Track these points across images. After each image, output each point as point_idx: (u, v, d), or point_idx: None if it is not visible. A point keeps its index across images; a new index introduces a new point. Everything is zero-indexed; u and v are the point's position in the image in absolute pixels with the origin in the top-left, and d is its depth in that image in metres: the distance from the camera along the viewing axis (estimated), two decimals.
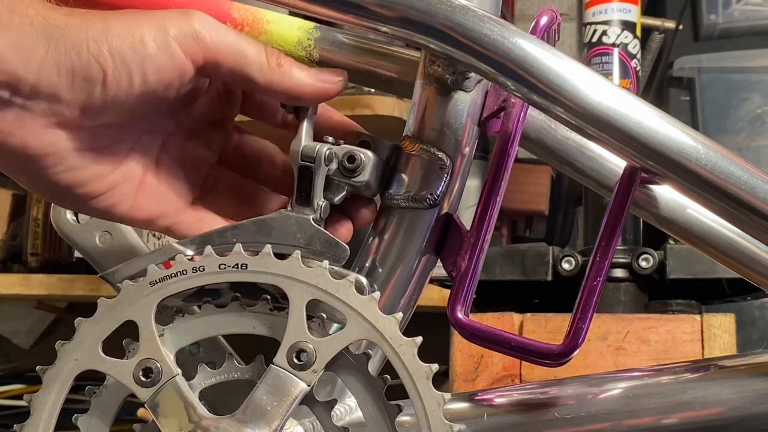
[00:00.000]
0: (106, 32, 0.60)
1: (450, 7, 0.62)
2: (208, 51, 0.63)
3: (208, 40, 0.63)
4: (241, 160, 0.72)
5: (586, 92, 0.61)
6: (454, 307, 0.66)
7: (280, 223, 0.65)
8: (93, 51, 0.60)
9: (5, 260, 2.01)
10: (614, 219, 0.65)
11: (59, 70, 0.59)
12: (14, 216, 2.04)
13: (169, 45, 0.62)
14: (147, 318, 0.61)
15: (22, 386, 1.99)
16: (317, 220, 0.65)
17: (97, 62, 0.60)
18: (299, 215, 0.65)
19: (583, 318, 0.63)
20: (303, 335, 0.60)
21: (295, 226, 0.64)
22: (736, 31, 1.69)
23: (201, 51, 0.63)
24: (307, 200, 0.65)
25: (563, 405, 0.69)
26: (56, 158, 0.62)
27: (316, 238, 0.64)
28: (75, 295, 1.87)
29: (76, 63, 0.59)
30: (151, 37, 0.61)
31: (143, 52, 0.61)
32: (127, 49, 0.60)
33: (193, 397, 0.61)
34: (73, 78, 0.60)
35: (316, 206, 0.65)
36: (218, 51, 0.63)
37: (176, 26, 0.62)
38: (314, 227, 0.65)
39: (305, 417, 0.65)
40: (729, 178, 0.61)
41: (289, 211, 0.65)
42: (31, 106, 0.60)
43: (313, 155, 0.65)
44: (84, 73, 0.60)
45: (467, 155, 0.68)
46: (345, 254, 0.64)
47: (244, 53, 0.64)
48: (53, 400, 0.61)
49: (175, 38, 0.62)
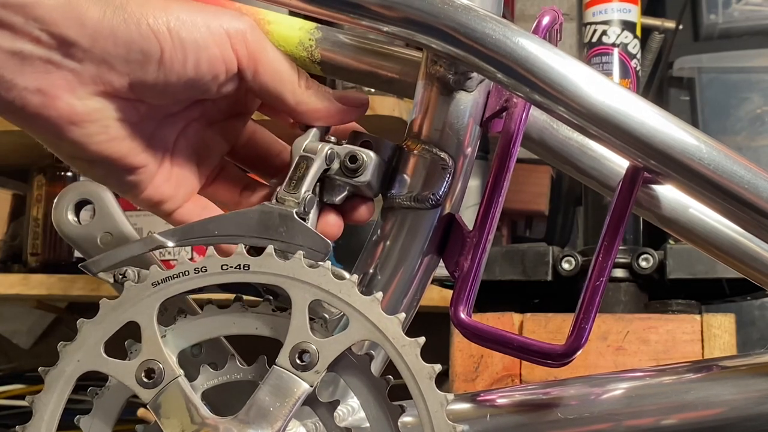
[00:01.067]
0: (167, 11, 0.61)
1: (452, 7, 0.61)
2: (252, 57, 0.64)
3: (253, 46, 0.64)
4: (250, 151, 0.72)
5: (589, 92, 0.61)
6: (457, 308, 0.65)
7: (262, 216, 0.64)
8: (153, 26, 0.60)
9: (5, 260, 2.01)
10: (617, 219, 0.65)
11: (116, 39, 0.59)
12: (14, 216, 2.04)
13: (222, 38, 0.62)
14: (149, 319, 0.61)
15: (22, 386, 1.99)
16: (300, 214, 0.64)
17: (156, 38, 0.60)
18: (282, 208, 0.64)
19: (586, 318, 0.63)
20: (305, 336, 0.60)
21: (277, 220, 0.64)
22: (736, 31, 1.69)
23: (246, 54, 0.64)
24: (297, 188, 0.64)
25: (566, 405, 0.69)
26: (99, 126, 0.62)
27: (298, 232, 0.64)
28: (75, 295, 1.87)
29: (135, 35, 0.59)
30: (209, 26, 0.62)
31: (200, 39, 0.61)
32: (187, 32, 0.61)
33: (196, 398, 0.61)
34: (129, 49, 0.60)
35: (301, 197, 0.64)
36: (260, 60, 0.64)
37: (230, 23, 0.63)
38: (297, 221, 0.64)
39: (308, 418, 0.65)
40: (732, 177, 0.61)
41: (273, 204, 0.65)
42: (81, 70, 0.59)
43: (315, 151, 0.65)
44: (141, 47, 0.60)
45: (469, 155, 0.68)
46: (327, 249, 0.64)
47: (280, 69, 0.65)
48: (55, 401, 0.61)
49: (228, 33, 0.63)
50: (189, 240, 0.64)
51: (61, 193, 0.73)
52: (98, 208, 0.73)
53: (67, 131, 0.61)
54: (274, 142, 0.73)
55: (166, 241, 0.64)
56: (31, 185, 1.97)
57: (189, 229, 0.64)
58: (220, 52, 0.63)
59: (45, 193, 1.95)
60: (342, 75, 0.78)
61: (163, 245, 0.63)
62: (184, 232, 0.64)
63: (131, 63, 0.60)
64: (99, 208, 0.73)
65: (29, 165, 1.94)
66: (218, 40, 0.62)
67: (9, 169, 2.07)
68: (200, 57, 0.62)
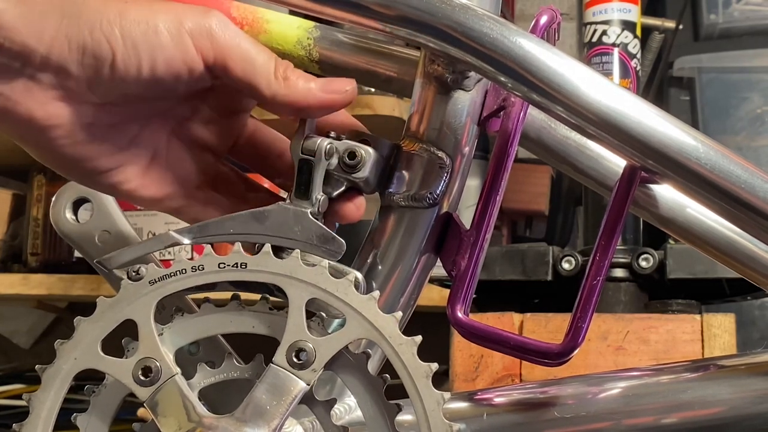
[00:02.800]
0: (122, 15, 0.61)
1: (450, 6, 0.61)
2: (219, 52, 0.63)
3: (221, 42, 0.63)
4: (251, 149, 0.72)
5: (587, 91, 0.61)
6: (454, 307, 0.65)
7: (277, 216, 0.64)
8: (105, 31, 0.60)
9: (5, 260, 2.01)
10: (614, 218, 0.65)
11: (70, 45, 0.60)
12: (14, 216, 2.04)
13: (182, 38, 0.62)
14: (146, 317, 0.61)
15: (22, 386, 1.99)
16: (315, 214, 0.64)
17: (108, 42, 0.60)
18: (297, 208, 0.64)
19: (582, 317, 0.63)
20: (302, 334, 0.60)
21: (292, 219, 0.64)
22: (736, 31, 1.69)
23: (212, 50, 0.63)
24: (306, 193, 0.64)
25: (563, 404, 0.69)
26: (63, 130, 0.62)
27: (313, 232, 0.64)
28: (75, 294, 1.87)
29: (88, 40, 0.60)
30: (166, 27, 0.62)
31: (155, 41, 0.61)
32: (139, 34, 0.61)
33: (193, 396, 0.61)
34: (83, 54, 0.60)
35: (314, 200, 0.64)
36: (229, 55, 0.63)
37: (193, 21, 0.62)
38: (312, 221, 0.64)
39: (305, 416, 0.65)
40: (729, 177, 0.61)
41: (288, 203, 0.65)
42: (39, 77, 0.61)
43: (313, 149, 0.65)
44: (94, 51, 0.60)
45: (467, 154, 0.68)
46: (341, 249, 0.64)
47: (253, 62, 0.64)
48: (52, 399, 0.61)
49: (189, 32, 0.62)
50: (205, 237, 0.64)
51: (58, 192, 0.74)
52: (96, 206, 0.73)
53: (33, 135, 0.63)
54: (276, 140, 0.72)
55: (181, 239, 0.64)
56: (31, 185, 1.98)
57: (205, 226, 0.64)
58: (178, 52, 0.62)
59: (45, 193, 1.95)
60: (340, 74, 0.78)
61: (178, 242, 0.63)
62: (200, 229, 0.64)
63: (85, 67, 0.61)
64: (97, 206, 0.73)
65: (29, 165, 1.94)
66: (177, 40, 0.62)
67: (9, 169, 2.07)
68: (156, 58, 0.61)
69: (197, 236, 0.64)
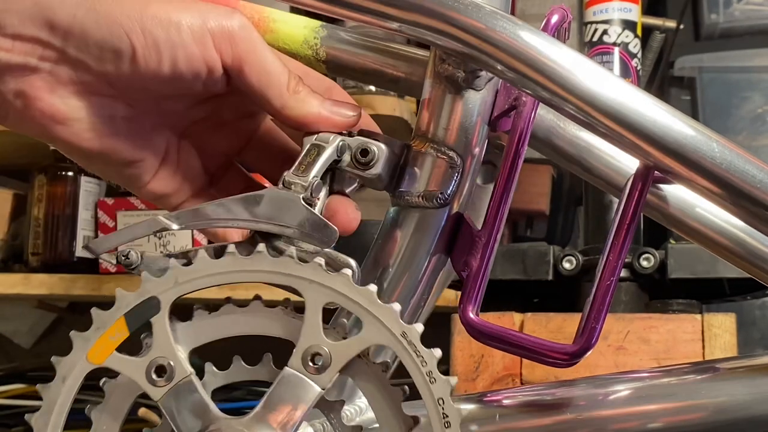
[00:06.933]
0: (143, 10, 0.60)
1: (461, 5, 0.61)
2: (237, 56, 0.63)
3: (241, 46, 0.63)
4: (263, 153, 0.71)
5: (601, 90, 0.60)
6: (466, 308, 0.65)
7: (269, 201, 0.62)
8: (125, 25, 0.60)
9: (6, 260, 2.00)
10: (627, 218, 0.64)
11: (87, 40, 0.60)
12: (15, 216, 2.04)
13: (203, 37, 0.62)
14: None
15: (23, 386, 1.98)
16: (307, 199, 0.63)
17: (128, 37, 0.60)
18: (289, 193, 0.63)
19: (596, 318, 0.63)
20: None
21: (284, 205, 0.62)
22: (737, 31, 1.69)
23: (231, 53, 0.62)
24: (305, 173, 0.63)
25: (575, 405, 0.69)
26: (86, 123, 0.63)
27: (305, 218, 0.62)
28: (76, 294, 1.86)
29: (107, 35, 0.60)
30: (188, 25, 0.61)
31: (177, 38, 0.61)
32: (162, 31, 0.61)
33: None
34: (101, 49, 0.60)
35: (308, 182, 0.63)
36: (246, 60, 0.63)
37: (216, 21, 0.62)
38: (303, 207, 0.62)
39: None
40: (745, 176, 0.61)
41: (279, 188, 0.63)
42: (58, 72, 0.61)
43: (327, 141, 0.64)
44: (113, 46, 0.60)
45: (477, 155, 0.68)
46: (333, 237, 0.62)
47: (269, 71, 0.64)
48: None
49: (211, 32, 0.62)
50: (194, 223, 0.63)
51: None
52: None
53: (54, 131, 0.62)
54: (288, 145, 0.72)
55: (170, 224, 0.62)
56: (32, 185, 1.97)
57: (194, 212, 0.63)
58: (199, 50, 0.62)
59: (46, 193, 1.94)
60: (347, 73, 0.78)
61: (167, 228, 0.62)
62: (190, 215, 0.63)
63: (105, 62, 0.61)
64: None
65: (30, 165, 1.93)
66: (199, 38, 0.61)
67: (10, 168, 2.07)
68: (176, 55, 0.61)
69: (186, 222, 0.63)
